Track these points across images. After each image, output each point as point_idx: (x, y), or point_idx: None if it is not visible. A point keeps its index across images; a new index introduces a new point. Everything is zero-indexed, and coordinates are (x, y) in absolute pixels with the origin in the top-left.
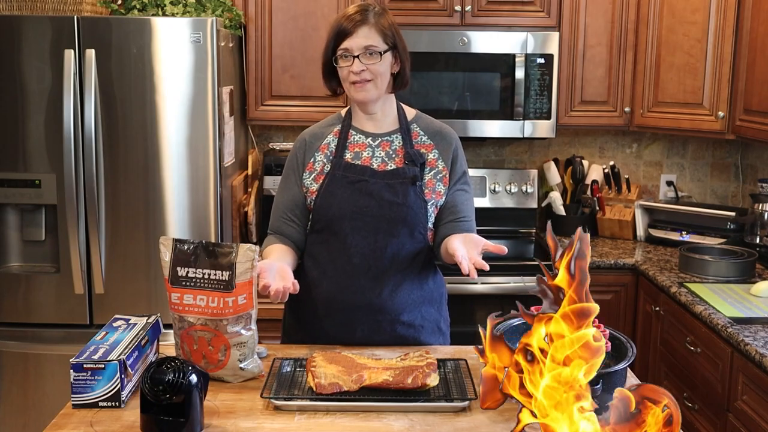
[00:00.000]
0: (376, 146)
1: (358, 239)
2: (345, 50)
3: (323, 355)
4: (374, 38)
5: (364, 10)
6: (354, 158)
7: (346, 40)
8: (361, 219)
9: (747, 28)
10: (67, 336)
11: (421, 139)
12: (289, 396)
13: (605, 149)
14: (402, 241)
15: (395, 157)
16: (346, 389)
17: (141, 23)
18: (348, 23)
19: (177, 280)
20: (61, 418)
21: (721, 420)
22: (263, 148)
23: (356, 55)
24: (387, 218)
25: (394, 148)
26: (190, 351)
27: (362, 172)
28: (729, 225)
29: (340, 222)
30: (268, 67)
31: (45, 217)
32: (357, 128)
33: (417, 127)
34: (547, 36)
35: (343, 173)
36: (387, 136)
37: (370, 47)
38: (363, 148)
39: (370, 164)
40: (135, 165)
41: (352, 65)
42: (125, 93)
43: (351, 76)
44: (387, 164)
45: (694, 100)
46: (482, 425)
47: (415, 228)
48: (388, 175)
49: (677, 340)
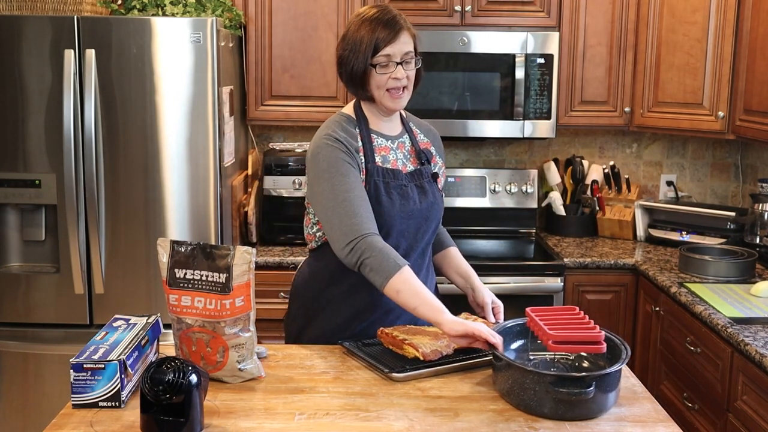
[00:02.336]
0: (396, 148)
1: (400, 240)
2: (387, 57)
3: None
4: (410, 44)
5: (393, 14)
6: (383, 162)
7: (388, 47)
8: (405, 222)
9: (747, 28)
10: (67, 336)
11: (420, 137)
12: (411, 367)
13: (605, 149)
14: (429, 238)
15: (410, 158)
16: (446, 354)
17: (141, 23)
18: (391, 28)
19: (175, 281)
20: (61, 418)
21: (721, 420)
22: (263, 148)
23: (398, 62)
24: (424, 218)
25: (407, 148)
26: (189, 352)
27: (397, 176)
28: (729, 225)
29: (390, 228)
30: (268, 67)
31: (45, 217)
32: (375, 131)
33: (413, 125)
34: (547, 36)
35: (383, 179)
36: (399, 137)
37: (409, 53)
38: (387, 151)
39: (397, 167)
40: (135, 165)
41: (395, 72)
42: (125, 93)
43: (391, 82)
44: (407, 165)
45: (694, 100)
46: (482, 425)
47: (438, 222)
48: (416, 176)
49: (677, 340)
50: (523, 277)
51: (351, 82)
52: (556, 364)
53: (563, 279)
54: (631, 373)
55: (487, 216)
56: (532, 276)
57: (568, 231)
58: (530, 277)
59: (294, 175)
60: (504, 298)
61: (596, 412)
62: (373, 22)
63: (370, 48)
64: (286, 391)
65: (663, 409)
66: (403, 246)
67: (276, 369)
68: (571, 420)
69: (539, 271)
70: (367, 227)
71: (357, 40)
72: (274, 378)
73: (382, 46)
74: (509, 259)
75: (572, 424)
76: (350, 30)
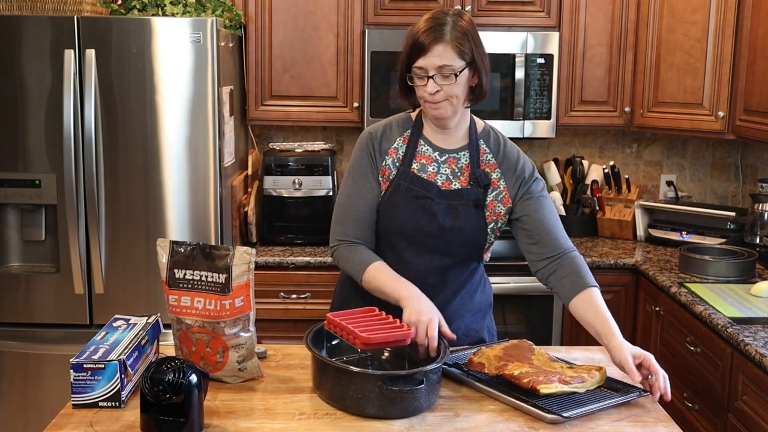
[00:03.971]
0: (443, 162)
1: (413, 255)
2: (420, 68)
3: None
4: (449, 57)
5: (440, 24)
6: (420, 170)
7: (420, 58)
8: (420, 237)
9: (747, 28)
10: (67, 336)
11: (486, 158)
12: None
13: (605, 149)
14: (456, 263)
15: (460, 176)
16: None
17: (141, 23)
18: (423, 39)
19: (174, 282)
20: (61, 418)
21: (721, 420)
22: (263, 148)
23: (431, 75)
24: (447, 240)
25: (460, 166)
26: (189, 352)
27: (428, 187)
28: (729, 225)
29: (399, 237)
30: (268, 67)
31: (45, 217)
32: (426, 139)
33: (484, 144)
34: (547, 36)
35: (409, 185)
36: (455, 153)
37: (445, 67)
38: (429, 161)
39: (434, 180)
40: (135, 165)
41: (427, 85)
42: (125, 93)
43: (425, 95)
44: (452, 182)
45: (694, 100)
46: (482, 425)
47: (472, 250)
48: (452, 195)
49: (677, 340)
50: (523, 277)
51: (400, 91)
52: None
53: None
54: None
55: None
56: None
57: (568, 231)
58: (530, 277)
59: (294, 175)
60: (504, 298)
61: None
62: (415, 31)
63: (406, 58)
64: (286, 391)
65: (663, 409)
66: (414, 262)
67: (276, 369)
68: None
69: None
70: (347, 235)
71: (403, 50)
72: (274, 378)
73: (415, 57)
74: (509, 259)
75: (571, 424)
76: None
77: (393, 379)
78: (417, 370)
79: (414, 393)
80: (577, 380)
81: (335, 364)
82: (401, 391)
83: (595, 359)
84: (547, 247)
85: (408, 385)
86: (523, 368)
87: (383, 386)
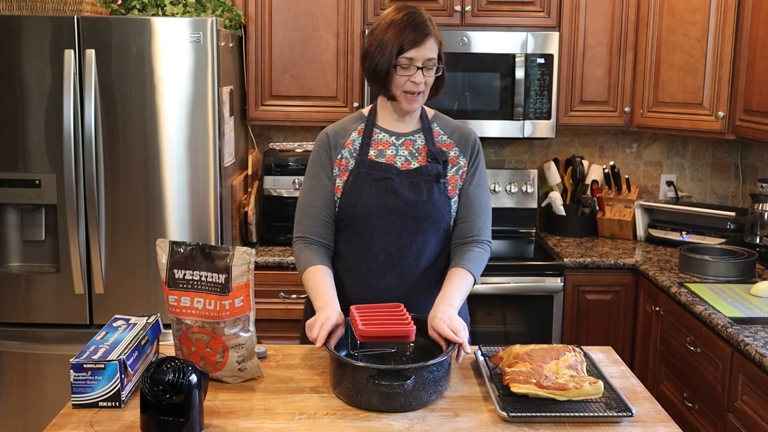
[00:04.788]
0: (400, 145)
1: (383, 237)
2: (410, 60)
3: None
4: (435, 50)
5: (423, 20)
6: (378, 156)
7: (412, 50)
8: (387, 217)
9: (747, 28)
10: (67, 336)
11: (441, 138)
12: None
13: (605, 149)
14: (427, 239)
15: (418, 156)
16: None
17: (141, 23)
18: (418, 32)
19: (174, 282)
20: (61, 418)
21: (721, 420)
22: (263, 148)
23: (420, 67)
24: (412, 216)
25: (417, 147)
26: (189, 353)
27: (387, 170)
28: (729, 225)
29: (365, 220)
30: (268, 67)
31: (45, 217)
32: (381, 127)
33: (437, 126)
34: (547, 36)
35: (368, 171)
36: (410, 135)
37: (432, 60)
38: (387, 146)
39: (394, 162)
40: (135, 165)
41: (414, 76)
42: (125, 93)
43: (409, 85)
44: (410, 163)
45: (694, 100)
46: (482, 425)
47: (439, 225)
48: (413, 174)
49: (677, 340)
50: (523, 277)
51: (373, 79)
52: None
53: (563, 279)
54: (631, 373)
55: None
56: (532, 276)
57: (568, 231)
58: (530, 277)
59: (294, 175)
60: (504, 298)
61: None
62: (402, 23)
63: (395, 48)
64: (286, 391)
65: (663, 409)
66: (384, 243)
67: (276, 369)
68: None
69: (539, 271)
70: (313, 230)
71: (385, 39)
72: (274, 378)
73: (407, 48)
74: (509, 259)
75: (570, 423)
76: (379, 27)
77: (380, 374)
78: (403, 367)
79: (404, 390)
80: (558, 388)
81: (334, 354)
82: (390, 386)
83: (595, 359)
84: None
85: (396, 381)
86: (523, 367)
87: (370, 380)
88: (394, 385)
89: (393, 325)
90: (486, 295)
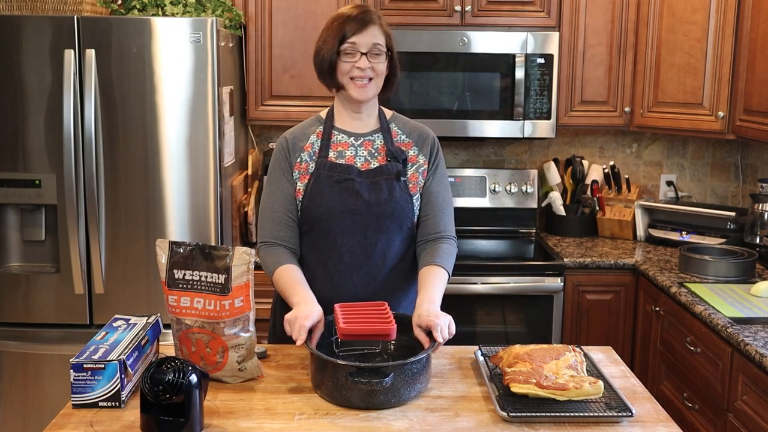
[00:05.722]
0: (359, 146)
1: (347, 238)
2: (353, 45)
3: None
4: (380, 38)
5: (368, 10)
6: (338, 157)
7: (355, 36)
8: (350, 217)
9: (747, 28)
10: (67, 336)
11: (400, 138)
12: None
13: (605, 149)
14: (391, 237)
15: (377, 156)
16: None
17: (141, 23)
18: (358, 19)
19: (174, 282)
20: (61, 418)
21: (721, 420)
22: (263, 148)
23: (364, 52)
24: (375, 215)
25: (376, 146)
26: (189, 353)
27: (347, 171)
28: (729, 225)
29: (328, 221)
30: (268, 67)
31: (45, 217)
32: (339, 128)
33: (395, 126)
34: (547, 36)
35: (329, 172)
36: (369, 135)
37: (377, 45)
38: (346, 147)
39: (354, 163)
40: (135, 165)
41: (359, 61)
42: (125, 93)
43: (354, 71)
44: (370, 163)
45: (694, 100)
46: (482, 425)
47: (403, 222)
48: (373, 173)
49: (677, 340)
50: (523, 277)
51: (321, 71)
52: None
53: (563, 279)
54: (631, 373)
55: (487, 216)
56: (532, 276)
57: (568, 231)
58: (530, 277)
59: None
60: (504, 298)
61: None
62: (345, 15)
63: (338, 36)
64: (286, 391)
65: (663, 409)
66: (348, 244)
67: (276, 369)
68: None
69: (539, 271)
70: (276, 234)
71: (329, 32)
72: (274, 378)
73: (350, 35)
74: (509, 259)
75: (570, 423)
76: (326, 24)
77: (359, 371)
78: (382, 365)
79: (382, 387)
80: (558, 388)
81: (313, 351)
82: (369, 383)
83: (595, 359)
84: (429, 229)
85: (375, 378)
86: (523, 367)
87: (350, 378)
88: (373, 383)
89: (374, 323)
90: (486, 295)
